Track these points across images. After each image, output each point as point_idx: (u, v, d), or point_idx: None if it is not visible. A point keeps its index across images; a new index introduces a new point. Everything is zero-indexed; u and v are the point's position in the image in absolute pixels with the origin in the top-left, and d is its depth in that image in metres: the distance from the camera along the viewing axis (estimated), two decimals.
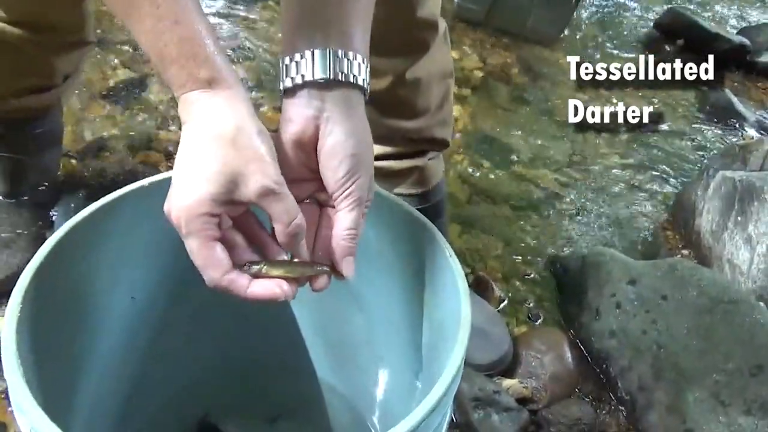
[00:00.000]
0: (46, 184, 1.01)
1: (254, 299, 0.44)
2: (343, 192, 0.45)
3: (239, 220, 0.46)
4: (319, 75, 0.45)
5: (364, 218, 0.48)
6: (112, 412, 0.61)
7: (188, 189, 0.42)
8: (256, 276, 0.45)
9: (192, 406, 0.70)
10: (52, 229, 0.97)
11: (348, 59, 0.45)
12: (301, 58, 0.45)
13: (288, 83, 0.46)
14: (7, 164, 0.95)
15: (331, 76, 0.45)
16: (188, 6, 0.42)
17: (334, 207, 0.47)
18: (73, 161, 1.11)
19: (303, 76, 0.45)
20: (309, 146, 0.46)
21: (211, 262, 0.43)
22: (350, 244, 0.46)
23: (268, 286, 0.44)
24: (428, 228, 0.53)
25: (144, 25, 0.42)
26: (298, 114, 0.46)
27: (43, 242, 0.48)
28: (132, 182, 0.53)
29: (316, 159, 0.46)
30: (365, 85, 0.47)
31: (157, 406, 0.67)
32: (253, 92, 1.37)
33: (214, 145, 0.42)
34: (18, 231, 0.95)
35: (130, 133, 1.20)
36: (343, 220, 0.46)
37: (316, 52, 0.45)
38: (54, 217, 0.99)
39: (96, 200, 0.52)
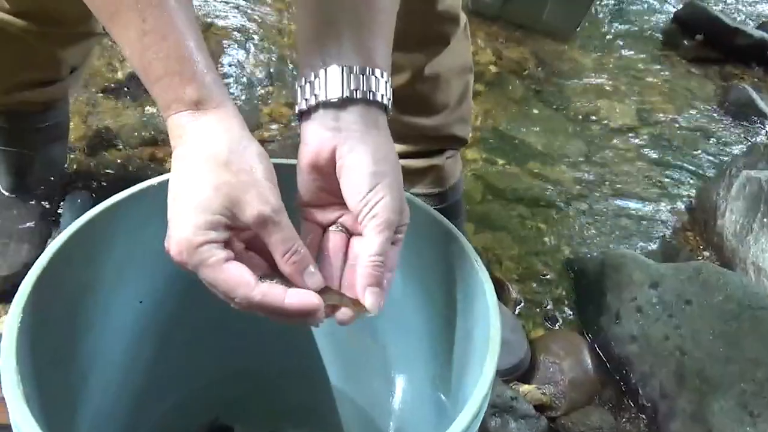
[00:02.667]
0: (53, 178, 0.99)
1: (292, 311, 0.40)
2: (367, 213, 0.42)
3: (254, 242, 0.42)
4: (333, 94, 0.42)
5: (398, 247, 0.44)
6: (119, 417, 0.60)
7: (183, 220, 0.39)
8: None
9: (201, 411, 0.69)
10: (58, 225, 0.95)
11: (365, 75, 0.42)
12: (315, 77, 0.43)
13: (303, 105, 0.44)
14: (13, 158, 0.94)
15: (346, 94, 0.42)
16: (177, 20, 0.39)
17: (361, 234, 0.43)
18: (81, 155, 1.09)
19: (316, 96, 0.43)
20: (326, 168, 0.44)
21: (234, 282, 0.39)
22: (374, 272, 0.42)
23: (304, 297, 0.40)
24: (452, 232, 0.50)
25: (128, 37, 0.39)
26: (313, 135, 0.43)
27: (50, 237, 0.46)
28: (140, 177, 0.52)
29: (337, 183, 0.43)
30: (385, 101, 0.44)
31: (165, 410, 0.65)
32: (263, 87, 1.34)
33: (206, 169, 0.39)
34: (24, 226, 0.93)
35: (139, 128, 1.18)
36: (368, 245, 0.42)
37: (330, 69, 0.42)
38: (60, 212, 0.97)
39: (103, 195, 0.50)
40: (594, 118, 1.47)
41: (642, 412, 0.88)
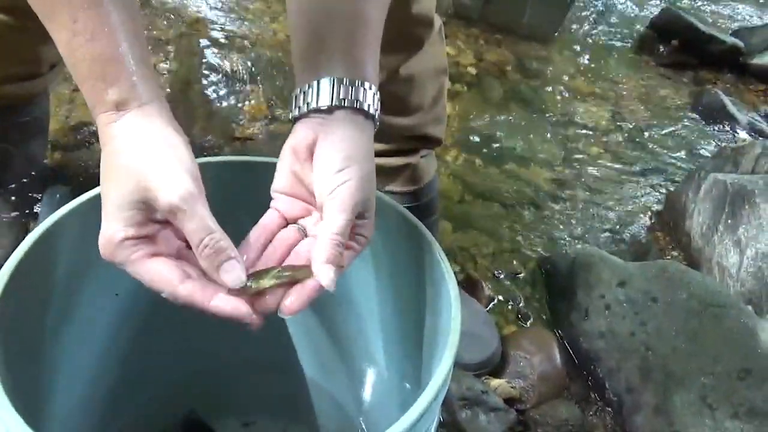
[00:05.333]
0: (32, 173, 0.99)
1: (218, 314, 0.40)
2: (331, 192, 0.43)
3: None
4: (323, 102, 0.44)
5: (354, 253, 0.44)
6: (95, 409, 0.61)
7: (106, 219, 0.40)
8: (246, 293, 0.41)
9: (177, 404, 0.70)
10: (36, 219, 0.96)
11: (354, 86, 0.45)
12: (308, 87, 0.45)
13: (296, 112, 0.46)
14: None
15: (335, 103, 0.44)
16: (109, 20, 0.40)
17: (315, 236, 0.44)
18: (60, 151, 1.10)
19: (308, 104, 0.45)
20: (304, 155, 0.45)
21: (158, 278, 0.40)
22: (334, 250, 0.41)
23: (233, 303, 0.40)
24: (420, 230, 0.52)
25: (60, 38, 0.40)
26: (300, 129, 0.46)
27: (27, 233, 0.47)
28: None
29: (311, 171, 0.45)
30: (372, 111, 0.45)
31: (141, 403, 0.66)
32: (244, 85, 1.36)
33: (121, 167, 0.40)
34: (2, 220, 0.93)
35: None
36: (329, 223, 0.42)
37: (322, 81, 0.45)
38: (39, 207, 0.98)
39: (82, 190, 0.51)
40: (570, 120, 1.50)
41: (608, 406, 0.91)
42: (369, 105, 0.45)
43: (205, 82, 1.35)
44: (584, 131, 1.47)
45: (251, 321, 0.41)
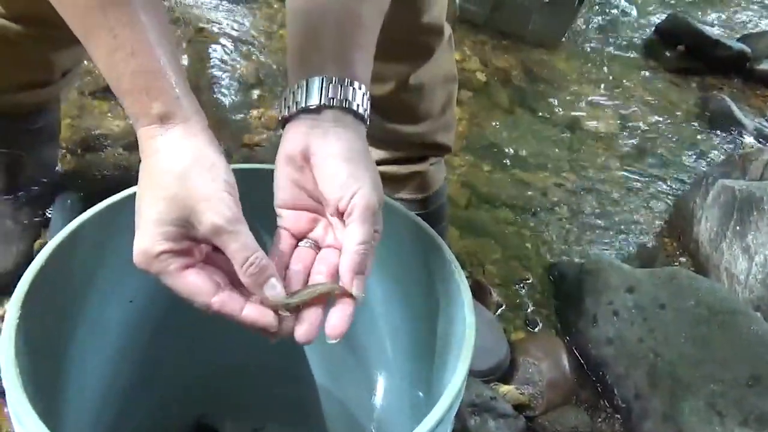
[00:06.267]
0: (44, 179, 1.00)
1: (248, 323, 0.42)
2: (348, 203, 0.43)
3: (214, 256, 0.44)
4: (311, 101, 0.45)
5: (372, 255, 0.44)
6: (110, 412, 0.61)
7: (143, 231, 0.41)
8: (286, 308, 0.42)
9: (189, 408, 0.70)
10: (48, 225, 0.97)
11: (343, 85, 0.45)
12: (298, 87, 0.46)
13: (285, 112, 0.47)
14: (5, 159, 0.94)
15: (323, 102, 0.45)
16: (147, 36, 0.41)
17: (329, 246, 0.45)
18: (71, 157, 1.11)
19: (297, 103, 0.46)
20: (300, 161, 0.46)
21: (193, 289, 0.41)
22: (361, 261, 0.42)
23: (263, 312, 0.42)
24: (432, 237, 0.52)
25: (100, 53, 0.41)
26: (290, 133, 0.46)
27: (39, 238, 0.48)
28: (130, 179, 0.52)
29: (311, 177, 0.45)
30: (361, 111, 0.46)
31: (153, 406, 0.67)
32: (253, 92, 1.36)
33: (164, 183, 0.41)
34: (14, 226, 0.94)
35: (129, 130, 1.19)
36: (352, 234, 0.43)
37: (311, 79, 0.45)
38: (51, 213, 0.98)
39: (93, 197, 0.51)
40: (577, 126, 1.50)
41: (617, 412, 0.91)
42: (358, 105, 0.46)
43: (213, 88, 1.36)
44: (591, 137, 1.48)
45: (277, 331, 0.42)
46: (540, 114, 1.52)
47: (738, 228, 1.07)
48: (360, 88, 0.46)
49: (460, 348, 0.44)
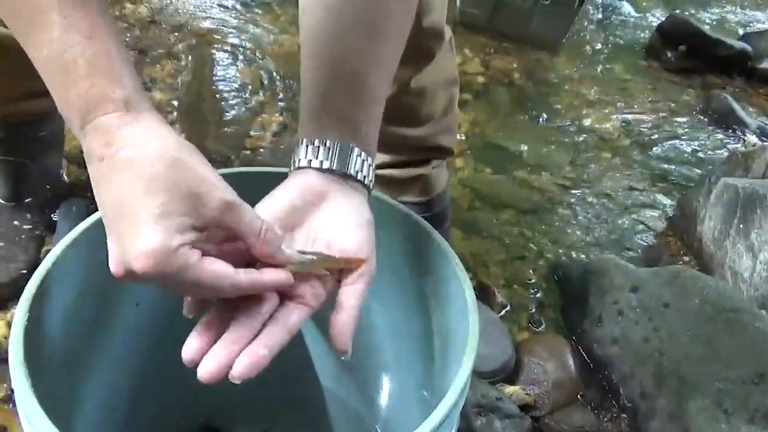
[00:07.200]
0: (49, 186, 1.01)
1: (270, 285, 0.42)
2: (366, 259, 0.45)
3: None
4: (327, 165, 0.47)
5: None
6: (116, 414, 0.62)
7: (148, 231, 0.37)
8: (303, 269, 0.44)
9: (195, 409, 0.71)
10: (54, 233, 0.97)
11: (354, 155, 0.48)
12: (311, 144, 0.48)
13: (297, 163, 0.48)
14: (9, 168, 0.95)
15: (335, 167, 0.47)
16: (100, 20, 0.39)
17: (295, 297, 0.44)
18: (76, 164, 1.11)
19: (310, 161, 0.47)
20: (311, 197, 0.47)
21: (220, 274, 0.39)
22: (355, 322, 0.45)
23: (277, 271, 0.42)
24: (435, 238, 0.53)
25: (49, 37, 0.37)
26: (302, 179, 0.48)
27: (43, 246, 0.48)
28: None
29: (313, 216, 0.47)
30: (366, 182, 0.49)
31: (160, 408, 0.67)
32: (256, 96, 1.37)
33: (157, 172, 0.37)
34: (20, 234, 0.95)
35: None
36: (357, 293, 0.45)
37: (327, 142, 0.47)
38: (56, 220, 0.99)
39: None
40: (579, 127, 1.50)
41: (623, 412, 0.91)
42: (364, 176, 0.48)
43: (216, 94, 1.37)
44: (593, 137, 1.48)
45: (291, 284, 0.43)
46: (541, 115, 1.52)
47: (741, 226, 1.07)
48: (367, 159, 0.49)
49: (464, 346, 0.44)
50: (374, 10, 0.48)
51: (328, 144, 0.47)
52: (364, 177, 0.48)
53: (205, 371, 0.40)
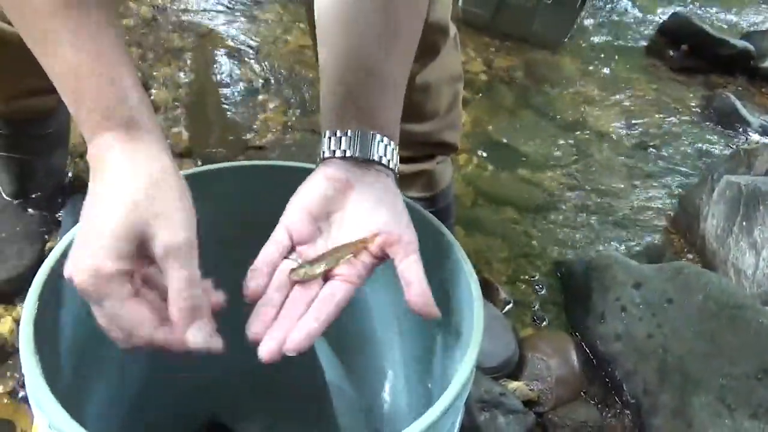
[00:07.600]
0: (54, 184, 1.01)
1: (194, 350, 0.40)
2: (407, 242, 0.46)
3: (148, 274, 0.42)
4: (349, 153, 0.48)
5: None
6: (123, 408, 0.62)
7: (94, 247, 0.38)
8: (302, 282, 0.45)
9: (201, 406, 0.71)
10: (59, 230, 0.98)
11: (376, 141, 0.49)
12: (334, 135, 0.49)
13: (322, 155, 0.50)
14: (15, 165, 0.96)
15: (358, 155, 0.48)
16: (110, 40, 0.41)
17: (338, 276, 0.46)
18: (81, 161, 1.12)
19: (334, 152, 0.49)
20: (341, 186, 0.48)
21: (138, 319, 0.38)
22: (428, 288, 0.46)
23: (206, 338, 0.40)
24: (441, 231, 0.53)
25: (62, 54, 0.40)
26: (331, 172, 0.49)
27: (49, 241, 0.48)
28: None
29: (343, 203, 0.48)
30: (392, 166, 0.50)
31: (166, 404, 0.67)
32: (260, 94, 1.38)
33: (123, 196, 0.38)
34: (26, 231, 0.95)
35: None
36: (412, 264, 0.46)
37: (350, 132, 0.49)
38: (61, 218, 0.99)
39: None
40: (582, 125, 1.51)
41: (626, 408, 0.91)
42: (389, 160, 0.50)
43: (220, 92, 1.37)
44: (596, 136, 1.48)
45: (219, 350, 0.41)
46: (544, 113, 1.52)
47: (744, 223, 1.07)
48: (390, 145, 0.50)
49: (469, 336, 0.44)
50: None
51: (349, 133, 0.49)
52: (388, 161, 0.49)
53: (266, 351, 0.42)
